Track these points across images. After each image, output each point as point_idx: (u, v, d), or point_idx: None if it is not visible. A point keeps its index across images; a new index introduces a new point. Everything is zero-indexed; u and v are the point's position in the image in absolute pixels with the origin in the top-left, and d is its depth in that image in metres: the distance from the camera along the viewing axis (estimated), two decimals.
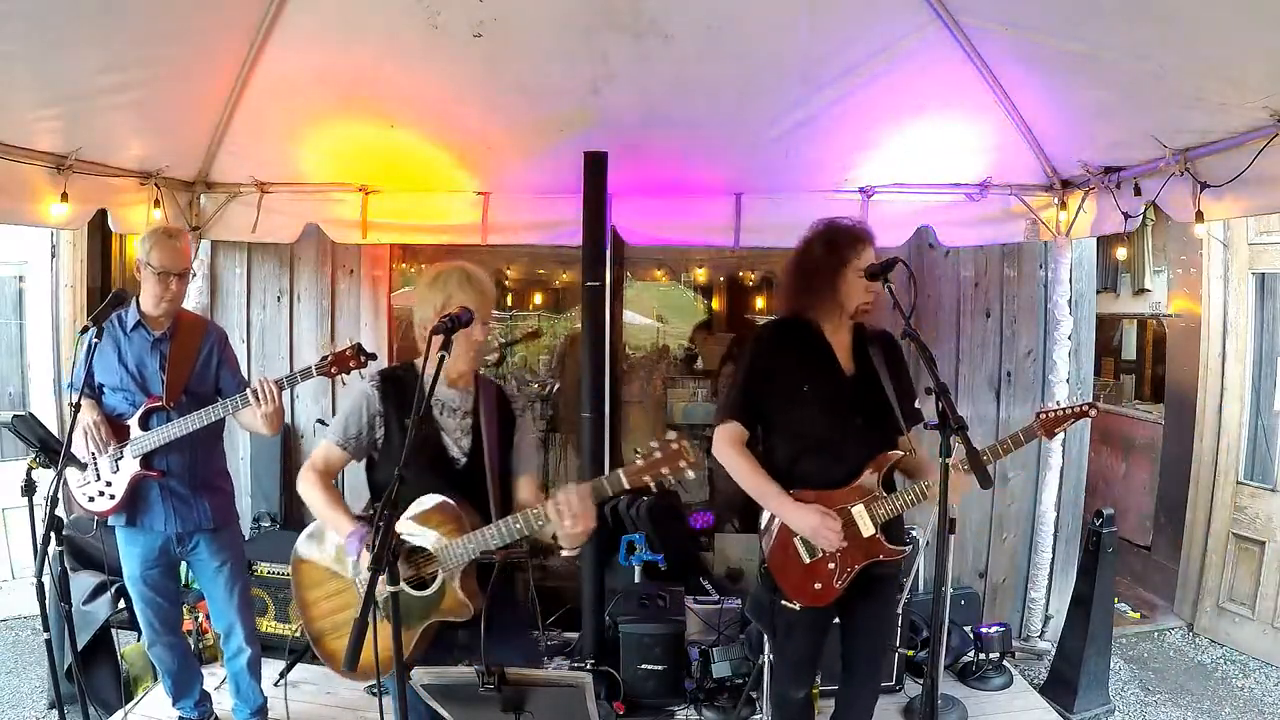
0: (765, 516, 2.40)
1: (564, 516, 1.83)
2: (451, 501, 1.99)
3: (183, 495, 2.77)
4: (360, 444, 2.12)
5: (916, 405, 2.40)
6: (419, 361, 2.09)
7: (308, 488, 2.12)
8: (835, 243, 2.34)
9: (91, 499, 2.74)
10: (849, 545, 2.28)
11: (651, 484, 1.79)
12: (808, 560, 2.31)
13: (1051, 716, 3.40)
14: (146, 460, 2.70)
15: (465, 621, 2.02)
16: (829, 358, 2.37)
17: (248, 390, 2.63)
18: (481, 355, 2.15)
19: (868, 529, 2.28)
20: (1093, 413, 2.36)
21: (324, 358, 2.64)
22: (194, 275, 2.90)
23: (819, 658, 2.51)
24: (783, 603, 2.37)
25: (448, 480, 2.05)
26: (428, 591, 2.01)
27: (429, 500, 2.01)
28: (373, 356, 2.66)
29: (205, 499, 2.81)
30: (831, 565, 2.30)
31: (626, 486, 1.82)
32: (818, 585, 2.32)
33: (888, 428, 2.33)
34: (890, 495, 2.30)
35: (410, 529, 1.98)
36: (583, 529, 1.85)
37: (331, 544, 2.15)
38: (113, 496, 2.71)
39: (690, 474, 1.77)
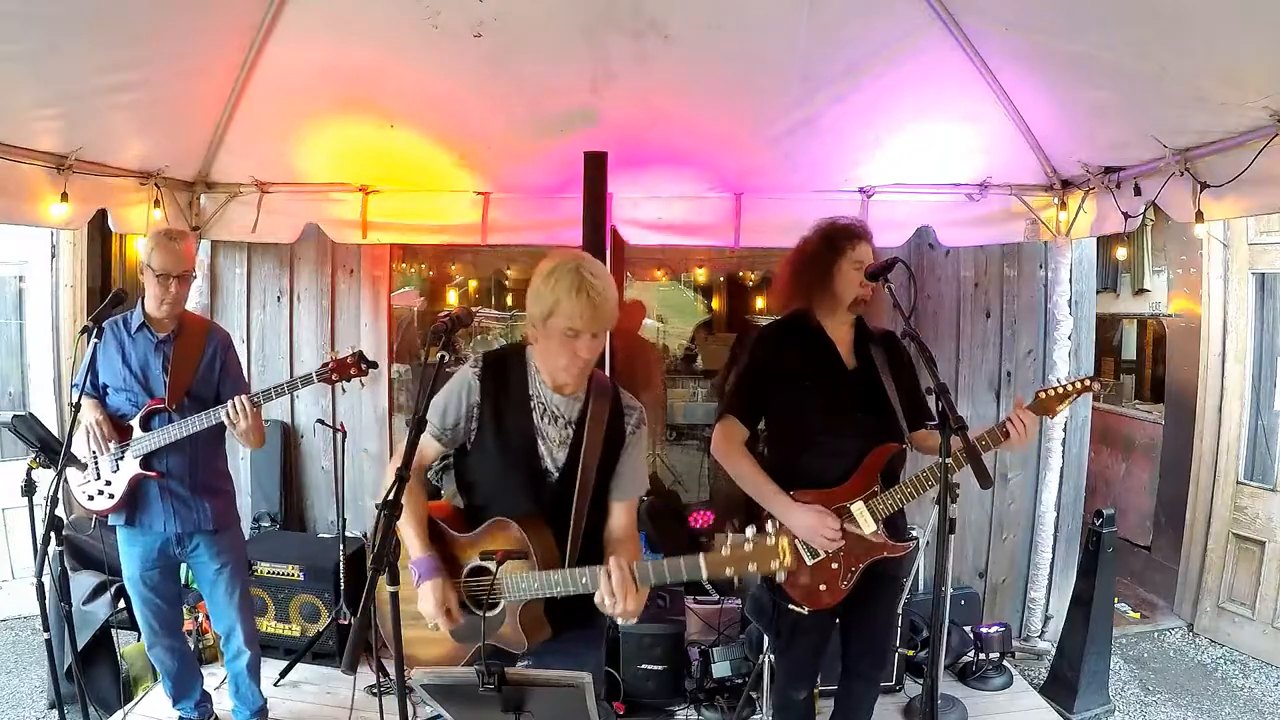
0: (762, 518, 2.40)
1: (606, 593, 1.67)
2: (513, 521, 1.83)
3: (183, 496, 2.77)
4: (456, 435, 1.92)
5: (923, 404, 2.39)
6: (531, 348, 1.91)
7: (388, 469, 1.90)
8: (831, 236, 2.36)
9: (91, 498, 2.74)
10: (851, 543, 2.27)
11: (736, 579, 1.61)
12: (810, 562, 2.30)
13: (1051, 716, 3.40)
14: (146, 461, 2.70)
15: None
16: (831, 353, 2.38)
17: (226, 405, 2.60)
18: (587, 369, 1.85)
19: (869, 525, 2.27)
20: (1095, 387, 2.29)
21: (325, 364, 2.66)
22: (194, 277, 2.89)
23: (822, 659, 2.51)
24: (789, 606, 2.36)
25: (537, 492, 1.88)
26: (489, 614, 1.85)
27: (493, 519, 1.87)
28: (374, 365, 2.67)
29: (205, 500, 2.81)
30: (835, 565, 2.29)
31: (705, 577, 1.60)
32: (823, 587, 2.31)
33: (889, 423, 2.32)
34: (889, 490, 2.29)
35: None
36: (621, 610, 1.66)
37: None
38: (111, 496, 2.72)
39: (781, 576, 1.57)
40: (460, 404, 1.89)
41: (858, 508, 2.28)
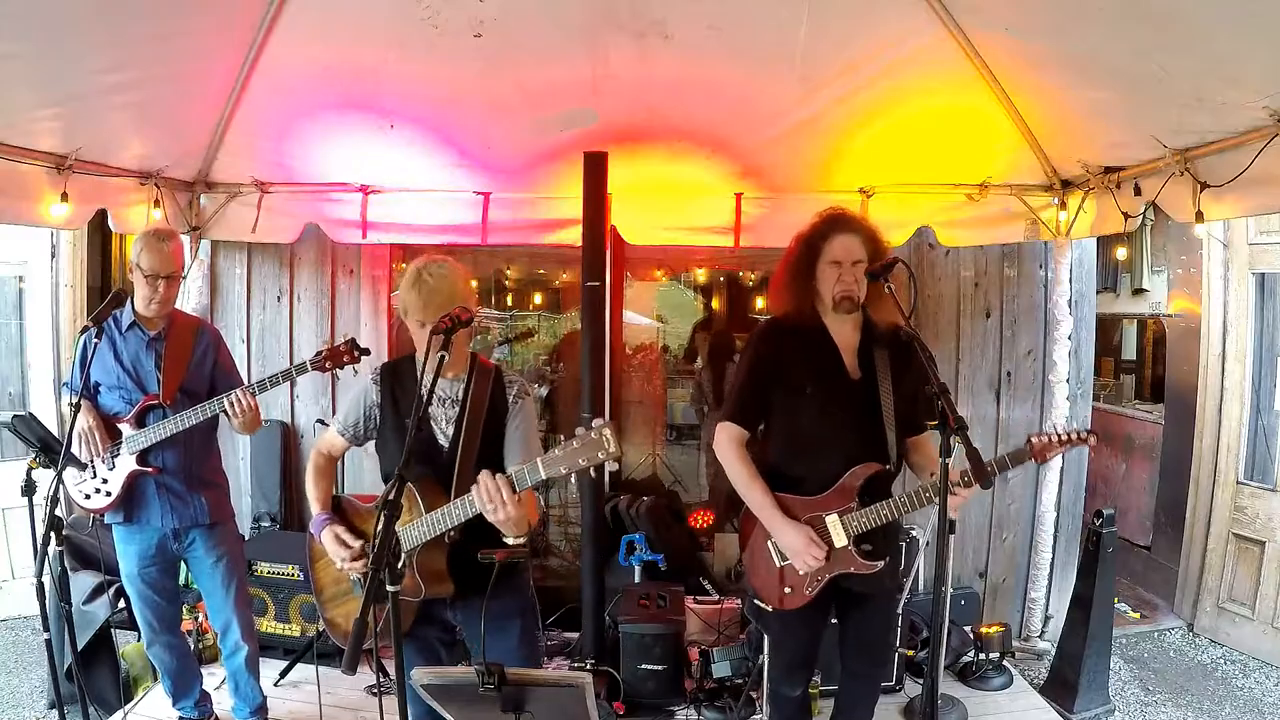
0: (744, 513, 2.39)
1: (481, 502, 1.85)
2: (410, 484, 2.03)
3: (179, 491, 2.78)
4: (358, 432, 2.29)
5: (923, 415, 2.35)
6: (419, 355, 2.16)
7: (309, 468, 2.35)
8: (808, 236, 2.34)
9: (88, 496, 2.75)
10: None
11: (570, 474, 1.76)
12: (779, 564, 2.31)
13: (1051, 716, 3.39)
14: (142, 457, 2.71)
15: (448, 602, 2.16)
16: (834, 359, 2.33)
17: (227, 398, 2.65)
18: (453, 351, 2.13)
19: (840, 540, 2.26)
20: (1091, 441, 2.18)
21: (318, 353, 2.70)
22: (186, 276, 2.90)
23: (814, 658, 2.51)
24: (755, 602, 2.38)
25: (433, 464, 2.13)
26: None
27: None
28: (366, 351, 2.72)
29: (201, 494, 2.82)
30: (802, 571, 2.29)
31: (544, 476, 1.78)
32: (788, 589, 2.31)
33: (880, 439, 2.30)
34: (866, 509, 2.25)
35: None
36: (503, 516, 1.83)
37: None
38: (109, 494, 2.72)
39: (612, 465, 1.75)
40: (359, 406, 2.27)
41: (832, 520, 2.26)
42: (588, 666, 3.42)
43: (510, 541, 1.94)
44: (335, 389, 4.31)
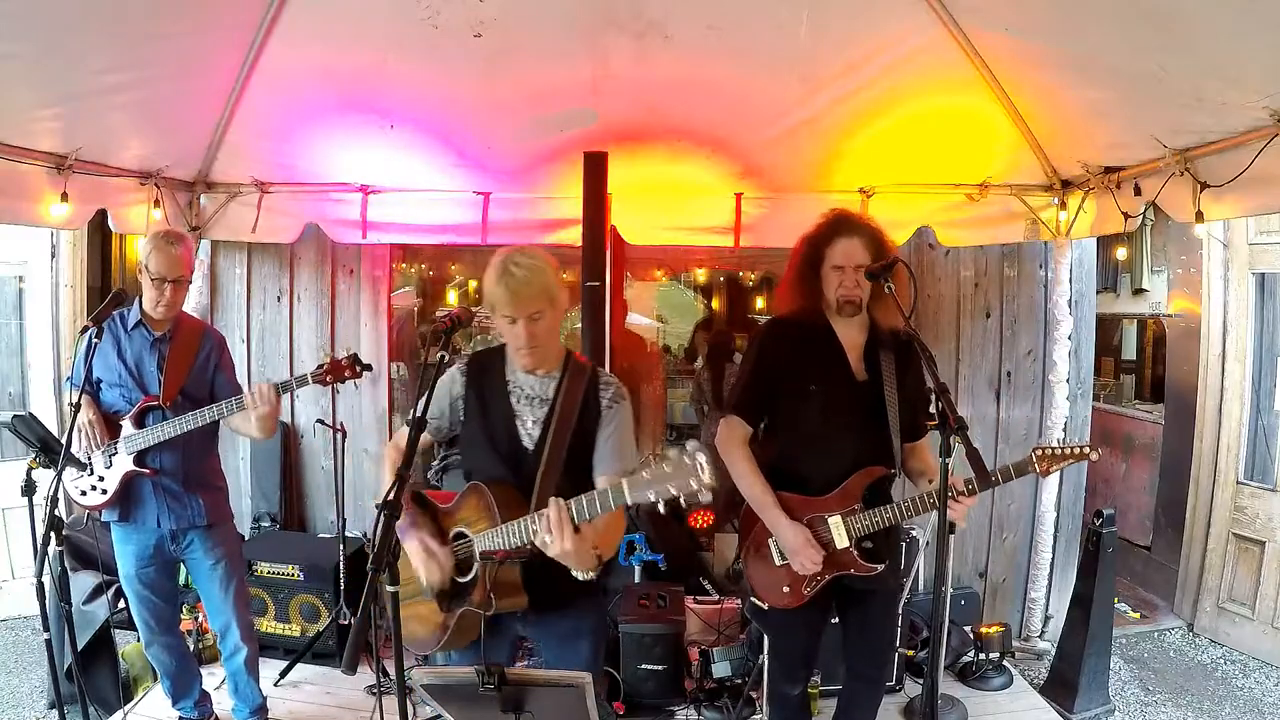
0: (745, 510, 2.39)
1: (542, 532, 1.73)
2: (484, 486, 1.95)
3: (176, 492, 2.78)
4: (441, 425, 2.12)
5: (923, 421, 2.34)
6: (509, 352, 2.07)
7: (384, 463, 2.16)
8: (813, 238, 2.35)
9: (84, 493, 2.74)
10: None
11: (660, 503, 1.57)
12: (779, 563, 2.31)
13: (1051, 716, 3.39)
14: (140, 458, 2.71)
15: (521, 615, 2.02)
16: (840, 360, 2.34)
17: (244, 393, 2.63)
18: (537, 348, 1.97)
19: (842, 540, 2.26)
20: (1093, 456, 2.19)
21: (320, 366, 2.68)
22: (190, 281, 2.88)
23: (814, 657, 2.51)
24: (754, 600, 2.38)
25: (516, 466, 2.01)
26: (465, 578, 2.00)
27: (469, 485, 2.00)
28: (368, 367, 2.71)
29: (199, 496, 2.82)
30: (799, 572, 2.28)
31: (629, 501, 1.63)
32: (786, 588, 2.31)
33: (885, 441, 2.30)
34: (869, 510, 2.26)
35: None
36: (558, 550, 1.72)
37: None
38: (104, 492, 2.72)
39: (703, 497, 1.54)
40: (444, 397, 2.09)
41: (835, 521, 2.26)
42: None
43: (579, 577, 1.86)
44: (335, 390, 4.30)
